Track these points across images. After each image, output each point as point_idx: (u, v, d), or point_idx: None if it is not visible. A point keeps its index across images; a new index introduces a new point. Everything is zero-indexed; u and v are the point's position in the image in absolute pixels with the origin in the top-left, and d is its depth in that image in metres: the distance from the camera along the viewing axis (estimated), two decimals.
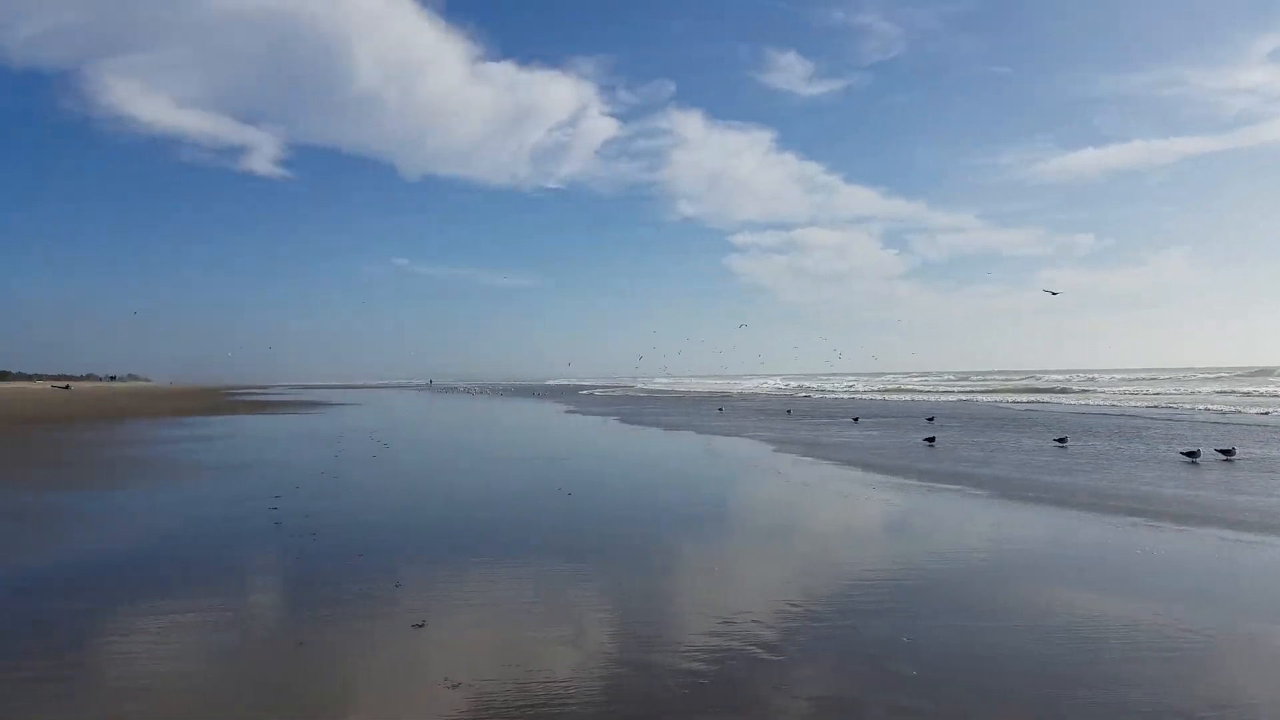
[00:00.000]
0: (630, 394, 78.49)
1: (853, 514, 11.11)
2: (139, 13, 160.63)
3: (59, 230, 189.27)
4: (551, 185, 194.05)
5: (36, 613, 6.25)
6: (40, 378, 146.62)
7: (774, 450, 19.80)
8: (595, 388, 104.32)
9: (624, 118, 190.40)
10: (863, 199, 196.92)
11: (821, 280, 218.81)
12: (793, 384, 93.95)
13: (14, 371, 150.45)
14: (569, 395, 75.83)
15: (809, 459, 17.58)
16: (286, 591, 7.19)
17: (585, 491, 13.00)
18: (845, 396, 61.95)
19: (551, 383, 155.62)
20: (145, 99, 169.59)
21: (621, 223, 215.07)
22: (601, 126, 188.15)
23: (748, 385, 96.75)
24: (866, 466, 16.05)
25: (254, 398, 70.61)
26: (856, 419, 33.04)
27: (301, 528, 9.85)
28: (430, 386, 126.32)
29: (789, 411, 39.30)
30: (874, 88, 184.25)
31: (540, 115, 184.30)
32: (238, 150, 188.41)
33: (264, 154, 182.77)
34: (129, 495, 12.82)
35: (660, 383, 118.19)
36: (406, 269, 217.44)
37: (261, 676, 5.10)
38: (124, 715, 4.47)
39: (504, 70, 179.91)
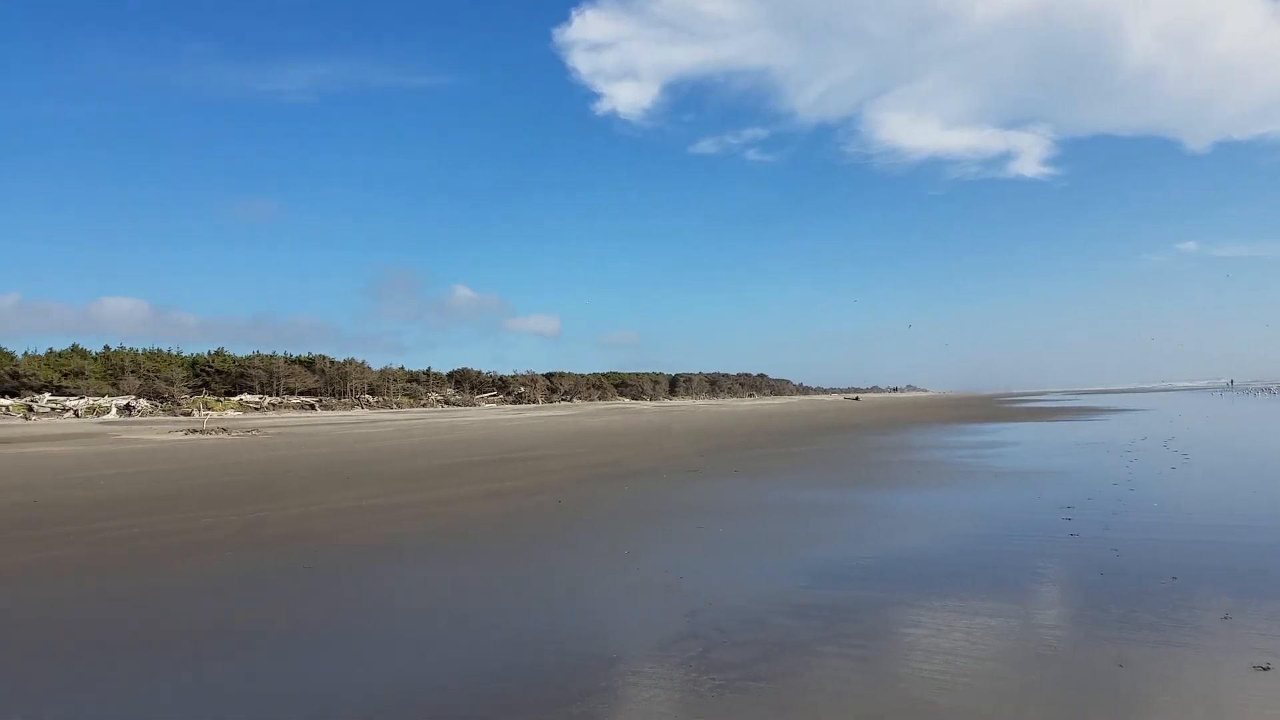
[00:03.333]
0: None
1: None
2: (910, 50, 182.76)
3: (872, 266, 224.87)
4: None
5: (837, 600, 7.35)
6: (834, 390, 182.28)
7: None
8: None
9: None
10: None
11: None
12: None
13: (814, 386, 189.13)
14: None
15: None
16: (1084, 606, 6.88)
17: None
18: None
19: None
20: (914, 128, 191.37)
21: None
22: None
23: None
24: None
25: (1028, 404, 70.89)
26: None
27: (1100, 540, 9.37)
28: (1230, 388, 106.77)
29: None
30: None
31: None
32: (1004, 157, 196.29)
33: (1031, 156, 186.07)
34: (925, 496, 14.27)
35: None
36: (1195, 254, 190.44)
37: (1072, 689, 4.97)
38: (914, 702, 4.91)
39: None
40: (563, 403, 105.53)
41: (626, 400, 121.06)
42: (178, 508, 13.05)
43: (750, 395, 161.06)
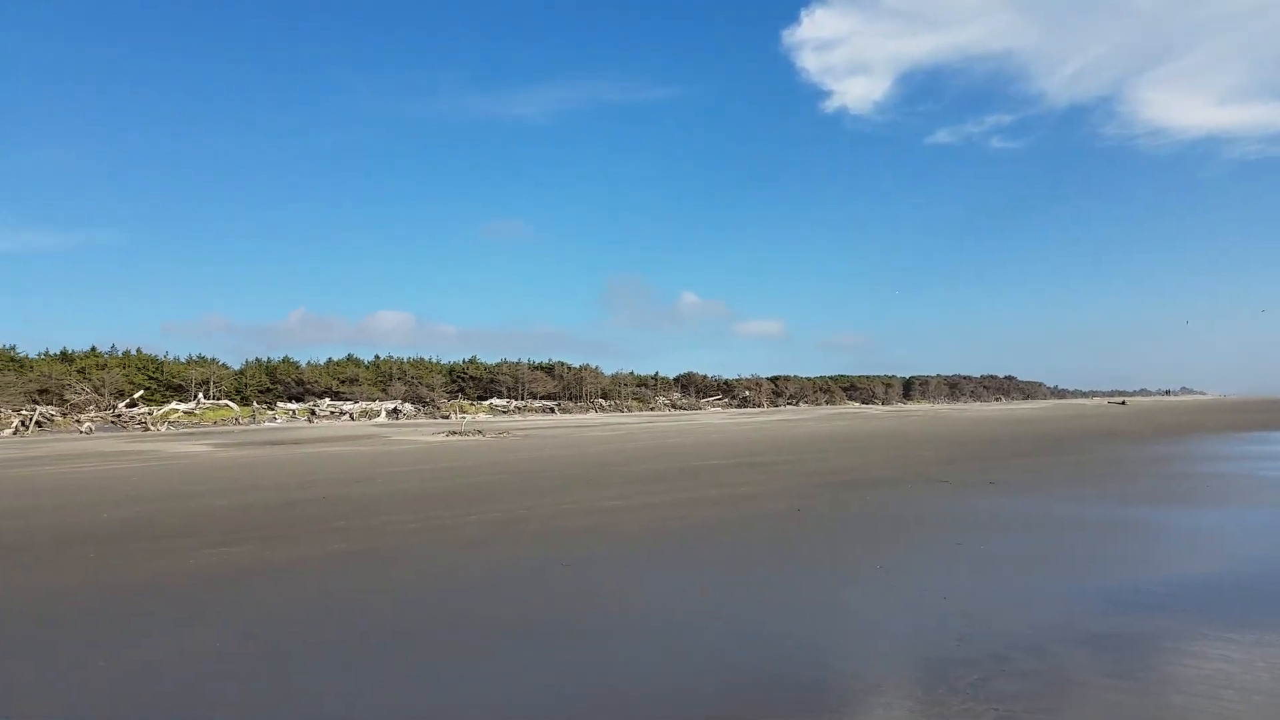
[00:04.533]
0: None
1: None
2: (1177, 20, 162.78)
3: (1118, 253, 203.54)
4: None
5: (1126, 628, 6.60)
6: (1095, 394, 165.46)
7: None
8: None
9: None
10: None
11: None
12: None
13: (1070, 389, 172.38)
14: None
15: None
16: None
17: None
18: None
19: None
20: (1183, 105, 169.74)
21: None
22: None
23: None
24: None
25: None
26: None
27: None
28: None
29: None
30: None
31: None
32: None
33: None
34: (1214, 514, 12.56)
35: None
36: None
37: None
38: None
39: None
40: (788, 407, 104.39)
41: (855, 404, 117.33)
42: (447, 505, 14.44)
43: (996, 399, 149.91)
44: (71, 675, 5.88)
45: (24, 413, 48.27)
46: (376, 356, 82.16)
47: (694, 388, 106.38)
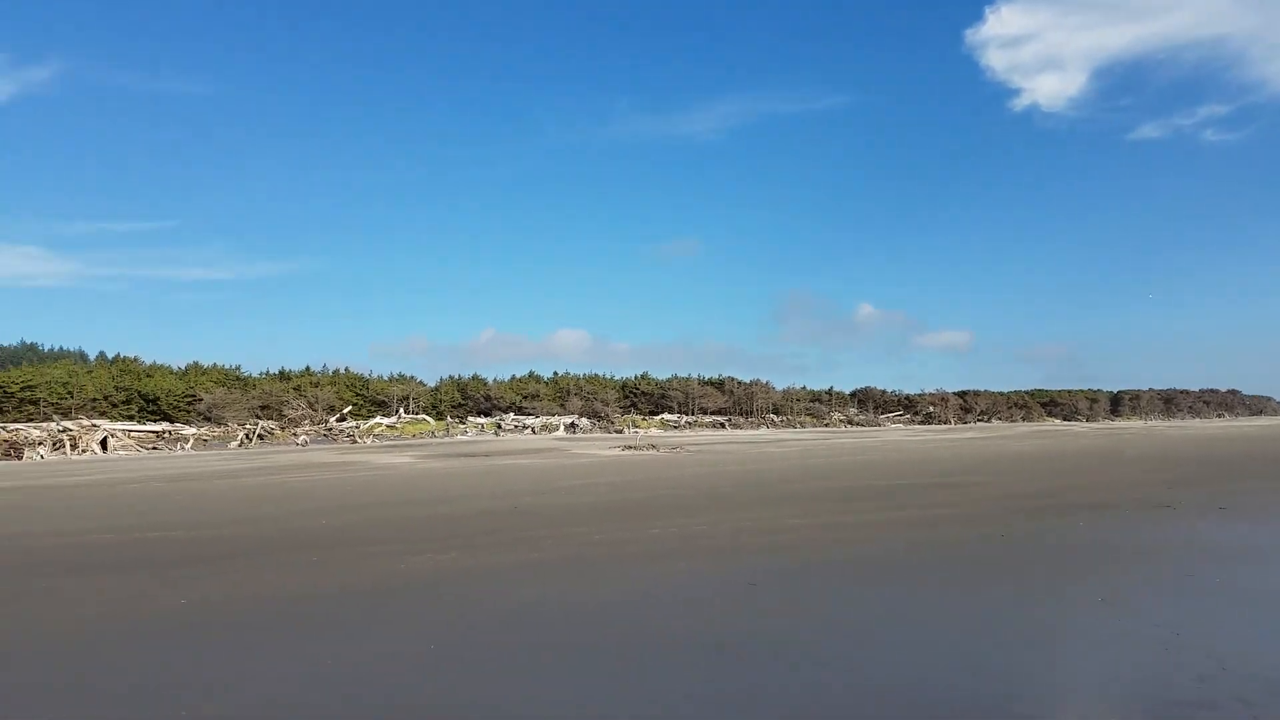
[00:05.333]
0: None
1: None
2: None
3: None
4: None
5: None
6: None
7: None
8: None
9: None
10: None
11: None
12: None
13: None
14: None
15: None
16: None
17: None
18: None
19: None
20: None
21: None
22: None
23: None
24: None
25: None
26: None
27: None
28: None
29: None
30: None
31: None
32: None
33: None
34: None
35: None
36: None
37: None
38: None
39: None
40: (978, 423, 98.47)
41: (1056, 421, 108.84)
42: (628, 518, 14.78)
43: (1218, 415, 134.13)
44: (302, 671, 6.51)
45: (248, 426, 54.22)
46: (555, 373, 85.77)
47: (872, 403, 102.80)
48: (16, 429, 45.36)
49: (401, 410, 67.67)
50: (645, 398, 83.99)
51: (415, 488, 21.17)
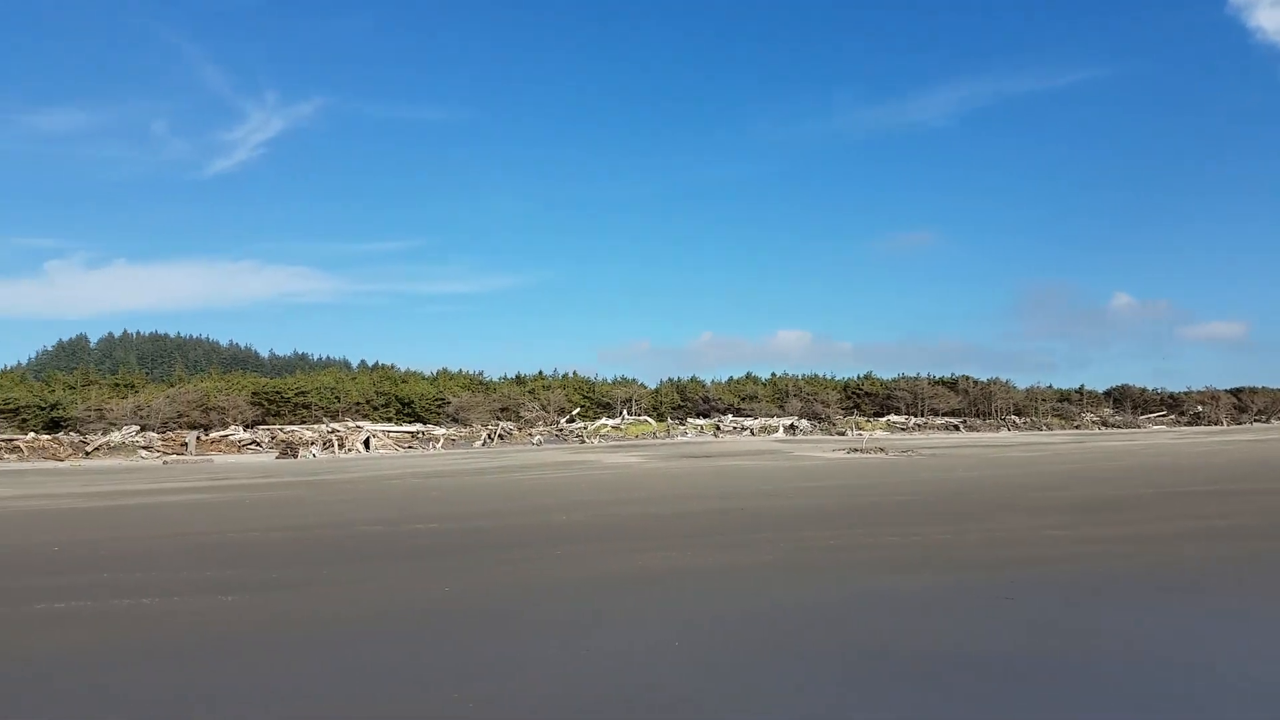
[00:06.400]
0: None
1: None
2: None
3: None
4: None
5: None
6: None
7: None
8: None
9: None
10: None
11: None
12: None
13: None
14: None
15: None
16: None
17: None
18: None
19: None
20: None
21: None
22: None
23: None
24: None
25: None
26: None
27: None
28: None
29: None
30: None
31: None
32: None
33: None
34: None
35: None
36: None
37: None
38: None
39: None
40: (1256, 424, 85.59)
41: None
42: (862, 523, 14.28)
43: None
44: (559, 658, 6.86)
45: (490, 427, 58.56)
46: (773, 374, 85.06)
47: (1129, 402, 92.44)
48: (293, 430, 52.10)
49: (625, 412, 70.16)
50: (869, 398, 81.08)
51: (644, 487, 21.81)
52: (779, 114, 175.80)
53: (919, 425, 73.19)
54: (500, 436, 57.42)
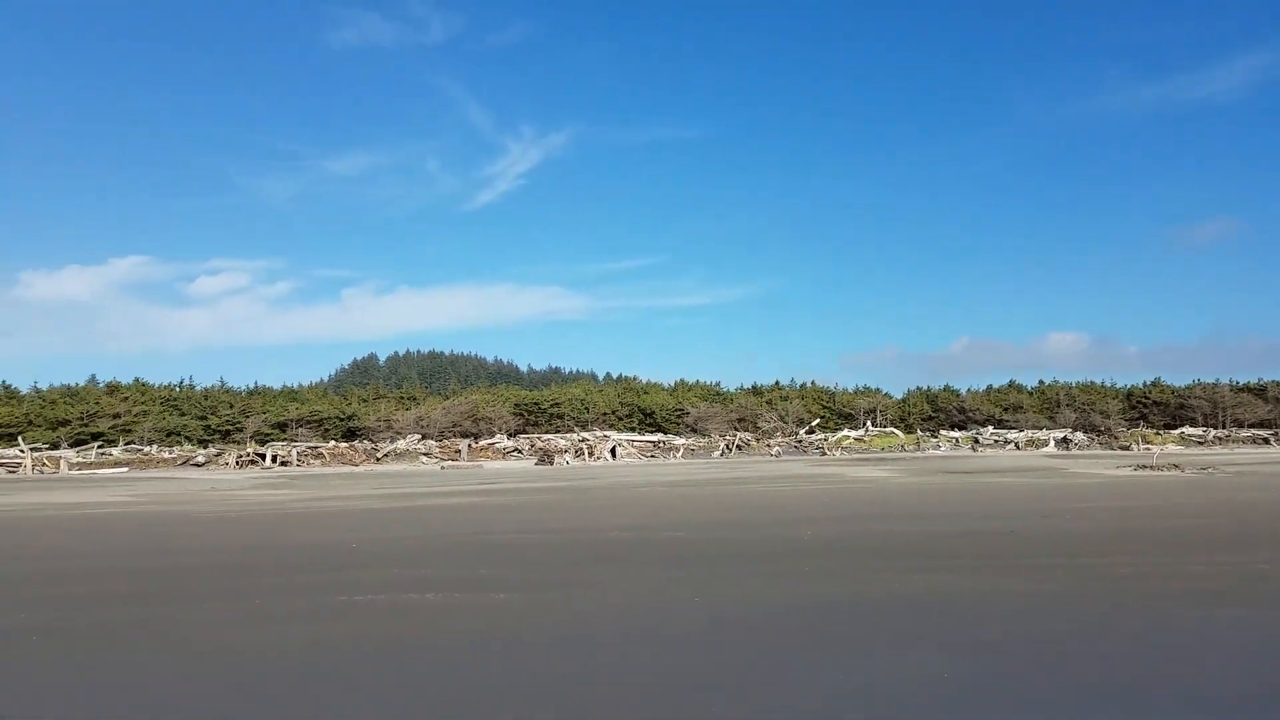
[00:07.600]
0: None
1: None
2: None
3: None
4: None
5: None
6: None
7: None
8: None
9: None
10: None
11: None
12: None
13: None
14: None
15: None
16: None
17: None
18: None
19: None
20: None
21: None
22: None
23: None
24: None
25: None
26: None
27: None
28: None
29: None
30: None
31: None
32: None
33: None
34: None
35: None
36: None
37: None
38: None
39: None
40: None
41: None
42: (1157, 547, 12.66)
43: None
44: (795, 684, 6.69)
45: (728, 437, 58.98)
46: (1041, 382, 78.16)
47: None
48: (549, 439, 55.73)
49: (868, 423, 67.73)
50: (1157, 408, 72.00)
51: (894, 503, 20.86)
52: (1039, 96, 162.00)
53: (1219, 438, 63.73)
54: (738, 447, 57.63)
